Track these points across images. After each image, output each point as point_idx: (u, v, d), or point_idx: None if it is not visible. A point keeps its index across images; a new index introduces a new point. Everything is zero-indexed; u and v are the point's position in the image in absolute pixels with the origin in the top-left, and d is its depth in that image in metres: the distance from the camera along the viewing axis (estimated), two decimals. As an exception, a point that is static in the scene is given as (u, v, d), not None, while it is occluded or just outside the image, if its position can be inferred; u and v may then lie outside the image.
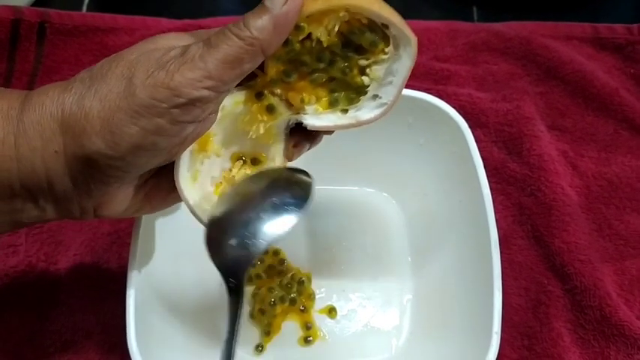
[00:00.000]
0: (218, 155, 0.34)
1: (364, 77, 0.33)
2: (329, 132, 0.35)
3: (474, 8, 0.63)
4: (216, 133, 0.33)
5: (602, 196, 0.51)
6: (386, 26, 0.31)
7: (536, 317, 0.46)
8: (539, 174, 0.50)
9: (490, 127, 0.53)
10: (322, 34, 0.31)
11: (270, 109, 0.33)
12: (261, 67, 0.31)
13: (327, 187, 0.50)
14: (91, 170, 0.29)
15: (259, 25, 0.28)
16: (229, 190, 0.34)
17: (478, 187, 0.42)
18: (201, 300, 0.45)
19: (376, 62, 0.32)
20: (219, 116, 0.31)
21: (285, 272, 0.47)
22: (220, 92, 0.29)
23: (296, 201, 0.33)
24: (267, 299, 0.45)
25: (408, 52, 0.32)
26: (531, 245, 0.48)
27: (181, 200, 0.33)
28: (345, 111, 0.34)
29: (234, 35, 0.28)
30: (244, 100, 0.32)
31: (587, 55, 0.57)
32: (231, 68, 0.28)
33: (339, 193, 0.51)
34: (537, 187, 0.50)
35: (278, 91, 0.33)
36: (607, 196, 0.51)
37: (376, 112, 0.34)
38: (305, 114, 0.34)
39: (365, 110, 0.34)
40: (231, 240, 0.32)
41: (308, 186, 0.34)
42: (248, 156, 0.35)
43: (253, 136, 0.33)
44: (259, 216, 0.32)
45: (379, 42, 0.32)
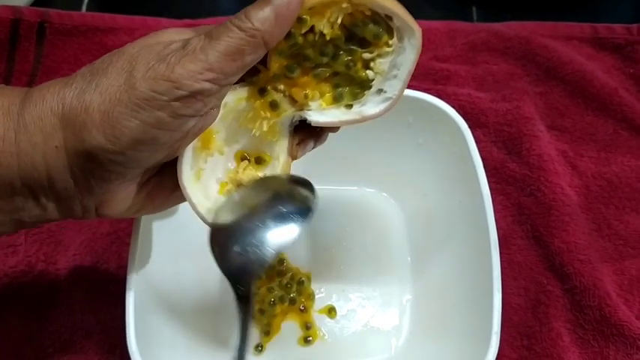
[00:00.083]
0: (221, 153, 0.33)
1: (368, 71, 0.32)
2: (334, 129, 0.35)
3: (474, 8, 0.63)
4: (218, 130, 0.32)
5: (602, 196, 0.51)
6: (389, 18, 0.31)
7: (535, 317, 0.46)
8: (539, 174, 0.50)
9: (490, 127, 0.53)
10: (325, 27, 0.30)
11: (274, 106, 0.32)
12: (264, 62, 0.31)
13: (327, 187, 0.50)
14: (92, 165, 0.29)
15: (261, 16, 0.28)
16: (234, 197, 0.33)
17: (478, 187, 0.41)
18: (201, 300, 0.45)
19: (380, 55, 0.32)
20: (222, 113, 0.31)
21: (285, 272, 0.47)
22: (222, 85, 0.28)
23: (301, 209, 0.33)
24: (267, 299, 0.45)
25: (413, 44, 0.31)
26: (531, 245, 0.48)
27: (184, 200, 0.32)
28: (349, 106, 0.33)
29: (236, 27, 0.28)
30: (247, 96, 0.32)
31: (586, 55, 0.57)
32: (232, 60, 0.28)
33: (339, 193, 0.51)
34: (537, 187, 0.50)
35: (281, 86, 0.32)
36: (606, 196, 0.51)
37: (381, 106, 0.33)
38: (309, 110, 0.33)
39: (370, 105, 0.33)
40: (239, 248, 0.32)
41: (311, 193, 0.34)
42: (252, 155, 0.34)
43: (257, 133, 0.33)
44: (266, 224, 0.32)
45: (383, 34, 0.31)
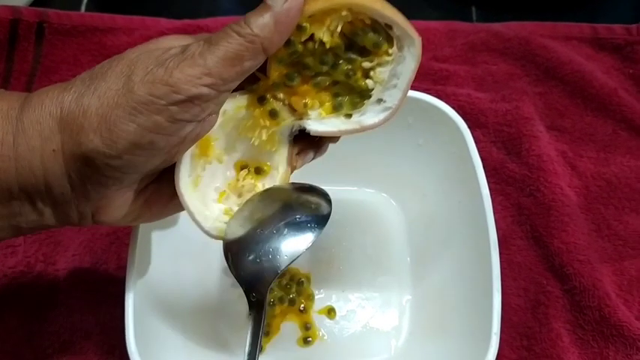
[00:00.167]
0: (220, 162, 0.33)
1: (368, 80, 0.32)
2: (334, 139, 0.35)
3: (473, 8, 0.63)
4: (217, 137, 0.32)
5: (601, 196, 0.51)
6: (389, 26, 0.30)
7: (535, 318, 0.46)
8: (538, 174, 0.50)
9: (489, 127, 0.53)
10: (325, 35, 0.30)
11: (273, 114, 0.32)
12: (264, 71, 0.31)
13: (326, 187, 0.49)
14: (89, 170, 0.29)
15: (260, 22, 0.28)
16: (244, 212, 0.33)
17: (477, 187, 0.41)
18: (201, 301, 0.45)
19: (380, 64, 0.32)
20: (221, 121, 0.31)
21: (284, 273, 0.47)
22: (220, 91, 0.28)
23: (315, 217, 0.33)
24: (267, 300, 0.45)
25: (412, 53, 0.31)
26: (530, 245, 0.48)
27: (182, 209, 0.32)
28: (348, 116, 0.33)
29: (235, 33, 0.28)
30: (246, 104, 0.32)
31: (586, 55, 0.57)
32: (231, 65, 0.28)
33: (339, 193, 0.50)
34: (536, 187, 0.50)
35: (281, 95, 0.32)
36: (606, 196, 0.51)
37: (381, 116, 0.33)
38: (308, 119, 0.33)
39: (369, 115, 0.33)
40: (253, 256, 0.32)
41: (325, 201, 0.35)
42: (252, 165, 0.34)
43: (256, 142, 0.33)
44: (281, 232, 0.32)
45: (383, 43, 0.31)
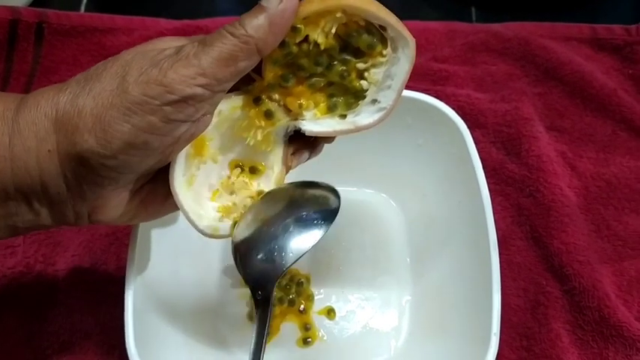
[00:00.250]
0: (215, 161, 0.33)
1: (363, 81, 0.32)
2: (329, 139, 0.35)
3: (473, 9, 0.63)
4: (212, 137, 0.32)
5: (601, 196, 0.51)
6: (383, 28, 0.31)
7: (534, 318, 0.46)
8: (538, 175, 0.50)
9: (489, 127, 0.53)
10: (319, 37, 0.31)
11: (268, 115, 0.32)
12: (259, 71, 0.31)
13: (326, 187, 0.50)
14: (84, 170, 0.29)
15: (255, 23, 0.28)
16: (248, 216, 0.34)
17: (477, 187, 0.41)
18: (201, 301, 0.45)
19: (374, 65, 0.32)
20: (216, 121, 0.31)
21: (284, 273, 0.47)
22: (214, 91, 0.29)
23: (323, 212, 0.33)
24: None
25: (407, 55, 0.32)
26: (530, 246, 0.48)
27: (178, 208, 0.33)
28: (343, 116, 0.34)
29: (229, 34, 0.28)
30: (242, 105, 0.32)
31: (585, 55, 0.57)
32: (225, 66, 0.28)
33: (338, 193, 0.50)
34: (536, 187, 0.50)
35: (276, 96, 0.32)
36: (605, 196, 0.51)
37: (375, 117, 0.33)
38: (303, 120, 0.33)
39: (364, 115, 0.34)
40: (261, 254, 0.33)
41: (333, 195, 0.34)
42: (246, 165, 0.34)
43: (251, 142, 0.33)
44: (288, 230, 0.33)
45: (377, 44, 0.31)
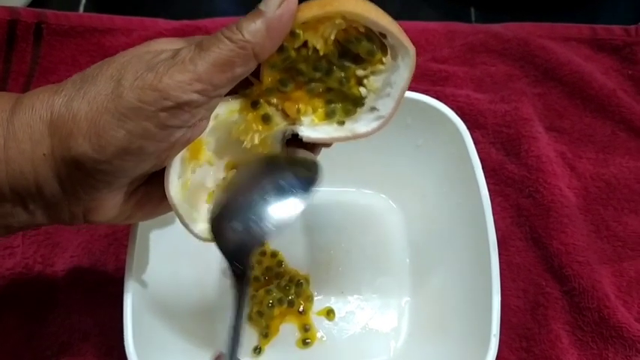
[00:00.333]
0: (211, 164, 0.33)
1: (361, 88, 0.32)
2: (327, 145, 0.34)
3: (472, 9, 0.63)
4: (209, 140, 0.32)
5: (600, 197, 0.51)
6: (384, 35, 0.30)
7: (534, 319, 0.45)
8: (537, 175, 0.50)
9: (488, 128, 0.53)
10: (318, 42, 0.30)
11: (266, 119, 0.32)
12: (258, 75, 0.31)
13: (325, 188, 0.50)
14: (79, 174, 0.28)
15: (252, 28, 0.27)
16: (233, 173, 0.33)
17: (476, 188, 0.41)
18: (200, 302, 0.45)
19: (374, 73, 0.32)
20: (213, 124, 0.31)
21: (283, 274, 0.47)
22: (211, 97, 0.28)
23: (303, 183, 0.32)
24: (265, 301, 0.45)
25: (406, 63, 0.31)
26: (529, 247, 0.48)
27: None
28: (341, 123, 0.33)
29: (226, 38, 0.27)
30: (239, 108, 0.32)
31: (584, 56, 0.57)
32: (221, 72, 0.28)
33: (337, 194, 0.50)
34: (535, 188, 0.50)
35: (274, 100, 0.32)
36: (605, 197, 0.51)
37: (373, 125, 0.33)
38: (301, 125, 0.33)
39: (362, 123, 0.33)
40: (237, 224, 0.31)
41: (315, 168, 0.33)
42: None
43: (248, 145, 0.33)
44: (265, 199, 0.31)
45: (377, 51, 0.31)
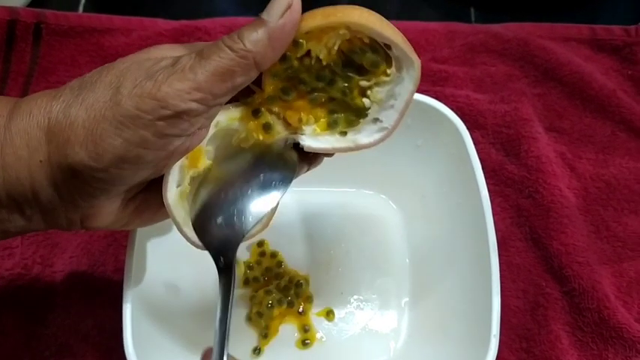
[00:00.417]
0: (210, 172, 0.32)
1: (365, 99, 0.31)
2: (329, 155, 0.34)
3: (472, 9, 0.62)
4: (208, 149, 0.32)
5: (600, 197, 0.51)
6: (388, 47, 0.30)
7: (534, 320, 0.45)
8: (537, 176, 0.50)
9: (488, 128, 0.53)
10: (322, 52, 0.30)
11: (267, 128, 0.32)
12: (259, 83, 0.30)
13: (325, 188, 0.50)
14: (76, 181, 0.28)
15: (254, 37, 0.27)
16: (213, 168, 0.32)
17: (476, 188, 0.41)
18: (199, 302, 0.45)
19: (378, 84, 0.31)
20: (214, 132, 0.30)
21: (283, 275, 0.47)
22: (210, 106, 0.28)
23: (282, 175, 0.32)
24: (265, 302, 0.45)
25: (411, 75, 0.30)
26: (529, 247, 0.48)
27: None
28: (343, 133, 0.33)
29: (227, 47, 0.27)
30: (240, 116, 0.31)
31: (584, 56, 0.57)
32: (222, 81, 0.27)
33: (337, 194, 0.50)
34: (535, 188, 0.49)
35: (276, 109, 0.31)
36: (605, 197, 0.51)
37: (376, 136, 0.33)
38: (302, 134, 0.32)
39: (364, 134, 0.33)
40: (219, 219, 0.31)
41: (292, 160, 0.33)
42: None
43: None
44: (246, 193, 0.31)
45: (381, 63, 0.30)
